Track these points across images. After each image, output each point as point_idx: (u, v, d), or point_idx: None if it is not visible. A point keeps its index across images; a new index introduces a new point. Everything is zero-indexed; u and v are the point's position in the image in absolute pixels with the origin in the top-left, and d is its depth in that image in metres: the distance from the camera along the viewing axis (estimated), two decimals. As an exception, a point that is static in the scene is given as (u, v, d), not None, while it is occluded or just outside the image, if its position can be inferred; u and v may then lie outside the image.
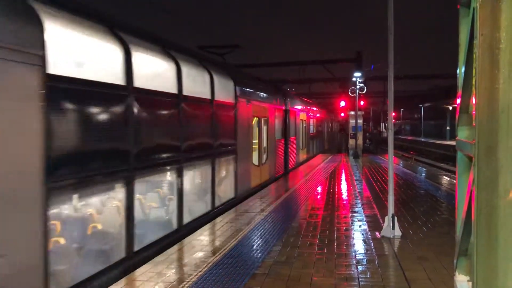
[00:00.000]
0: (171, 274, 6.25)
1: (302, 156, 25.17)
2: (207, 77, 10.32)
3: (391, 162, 8.89)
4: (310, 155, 28.61)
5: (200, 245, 7.75)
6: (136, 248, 6.77)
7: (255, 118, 14.85)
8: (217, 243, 7.88)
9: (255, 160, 14.87)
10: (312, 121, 29.66)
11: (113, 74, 6.41)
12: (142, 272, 6.30)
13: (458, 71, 3.33)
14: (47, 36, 4.93)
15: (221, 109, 11.12)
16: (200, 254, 7.19)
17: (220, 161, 11.15)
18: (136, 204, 7.00)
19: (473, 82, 2.47)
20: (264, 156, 16.24)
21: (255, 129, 15.06)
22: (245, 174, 13.13)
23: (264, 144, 16.29)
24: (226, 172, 11.93)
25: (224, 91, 11.54)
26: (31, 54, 4.71)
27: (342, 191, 14.09)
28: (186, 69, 8.91)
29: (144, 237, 7.25)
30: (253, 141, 14.71)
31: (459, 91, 3.12)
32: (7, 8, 4.58)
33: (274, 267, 6.58)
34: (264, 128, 16.22)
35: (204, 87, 10.14)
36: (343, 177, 18.26)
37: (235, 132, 12.27)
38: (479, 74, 2.27)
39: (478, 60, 2.26)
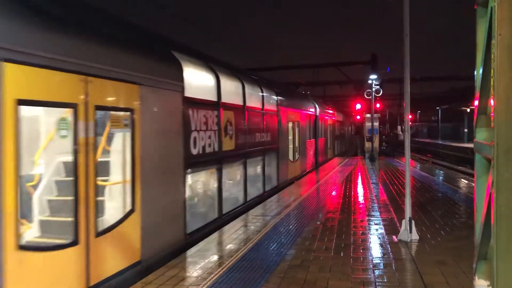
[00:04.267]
0: (187, 277, 6.27)
1: (330, 154, 29.52)
2: (259, 92, 13.86)
3: (408, 165, 8.80)
4: (335, 153, 32.96)
5: (217, 248, 7.76)
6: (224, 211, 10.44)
7: (290, 122, 17.78)
8: (233, 246, 7.88)
9: (290, 156, 17.90)
10: (336, 125, 33.29)
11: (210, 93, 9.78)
12: (157, 277, 6.33)
13: (475, 72, 3.29)
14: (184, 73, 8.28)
15: (269, 115, 14.49)
16: (215, 258, 7.20)
17: (268, 155, 14.43)
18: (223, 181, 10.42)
19: (491, 83, 2.43)
20: (297, 154, 19.22)
21: (290, 131, 17.90)
22: (284, 167, 16.48)
23: (297, 144, 19.19)
24: (271, 164, 15.04)
25: (271, 102, 15.04)
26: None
27: (358, 194, 13.99)
28: (250, 89, 12.79)
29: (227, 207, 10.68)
30: (290, 140, 17.71)
31: (477, 93, 3.08)
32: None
33: (289, 270, 6.55)
34: (297, 130, 19.13)
35: (257, 100, 13.57)
36: (359, 180, 18.13)
37: (278, 133, 15.46)
38: (497, 75, 2.24)
39: (496, 60, 2.23)
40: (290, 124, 17.74)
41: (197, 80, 9.21)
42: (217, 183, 10.09)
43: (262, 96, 13.84)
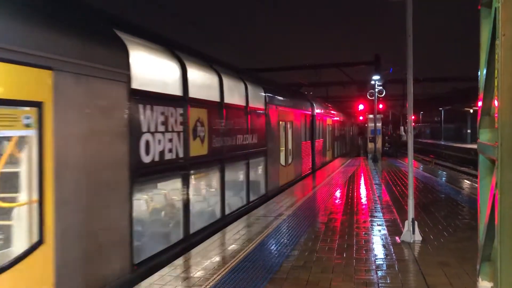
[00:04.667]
0: (190, 278, 6.27)
1: (328, 156, 27.58)
2: (243, 87, 12.04)
3: (411, 166, 8.78)
4: (335, 156, 30.86)
5: (219, 249, 7.75)
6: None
7: (282, 122, 15.96)
8: (236, 247, 7.87)
9: (282, 160, 16.05)
10: (336, 125, 31.31)
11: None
12: (153, 282, 6.33)
13: (479, 73, 3.28)
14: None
15: (254, 114, 12.73)
16: (217, 258, 7.20)
17: (253, 160, 12.70)
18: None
19: (495, 84, 2.43)
20: (290, 157, 17.33)
21: (282, 132, 16.11)
22: (274, 173, 14.73)
23: (290, 146, 17.36)
24: (257, 170, 13.58)
25: (258, 99, 13.27)
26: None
27: (361, 195, 13.97)
28: (230, 83, 11.03)
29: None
30: (281, 142, 16.02)
31: (481, 93, 3.07)
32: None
33: (292, 271, 6.54)
34: (290, 131, 17.27)
35: (240, 96, 11.78)
36: (362, 181, 18.11)
37: (266, 134, 13.74)
38: (501, 75, 2.23)
39: (500, 61, 2.22)
40: (282, 124, 16.02)
41: (153, 69, 7.47)
42: (182, 196, 8.20)
43: (246, 92, 11.98)
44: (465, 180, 18.91)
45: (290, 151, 17.25)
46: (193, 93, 8.42)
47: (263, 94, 13.66)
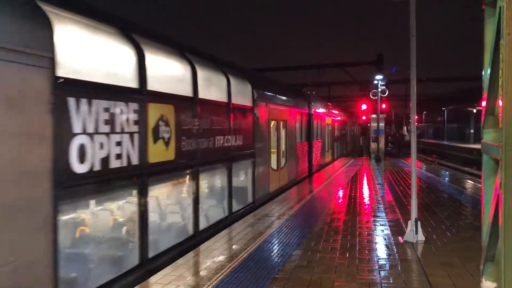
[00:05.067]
0: (191, 277, 6.27)
1: (327, 158, 26.05)
2: (224, 80, 10.29)
3: (414, 166, 8.76)
4: (335, 157, 29.46)
5: (220, 249, 7.75)
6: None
7: (273, 121, 14.42)
8: (237, 246, 7.87)
9: (273, 163, 14.35)
10: (336, 125, 30.11)
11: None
12: (155, 281, 6.34)
13: (483, 72, 3.26)
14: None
15: (239, 112, 11.06)
16: (220, 258, 7.20)
17: (237, 164, 11.12)
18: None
19: (500, 84, 2.42)
20: (283, 160, 15.76)
21: (273, 133, 14.61)
22: (263, 178, 12.99)
23: (284, 148, 15.89)
24: (242, 176, 12.02)
25: (244, 95, 11.61)
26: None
27: (364, 195, 13.95)
28: (207, 75, 9.47)
29: None
30: (272, 144, 14.40)
31: (485, 93, 3.06)
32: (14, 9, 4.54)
33: (295, 271, 6.54)
34: (283, 131, 15.83)
35: (220, 91, 10.03)
36: (364, 181, 18.08)
37: (254, 135, 12.09)
38: (506, 75, 2.22)
39: (505, 60, 2.21)
40: (274, 124, 14.49)
41: (93, 52, 5.90)
42: (138, 212, 6.62)
43: (229, 86, 10.32)
44: (468, 180, 18.86)
45: (284, 153, 15.81)
46: (154, 85, 6.89)
47: (251, 89, 12.01)
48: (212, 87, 9.65)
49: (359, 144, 46.09)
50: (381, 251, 7.58)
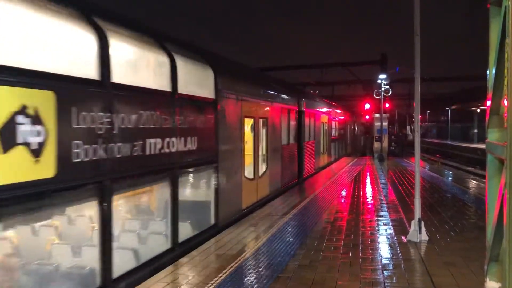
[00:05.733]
0: (196, 276, 6.28)
1: (323, 161, 23.46)
2: (165, 60, 7.39)
3: (418, 165, 8.74)
4: (332, 159, 27.02)
5: (224, 247, 7.75)
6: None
7: (248, 119, 11.58)
8: (240, 245, 7.87)
9: (248, 172, 11.52)
10: (334, 124, 27.86)
11: None
12: (166, 274, 6.34)
13: (488, 72, 3.25)
14: None
15: (192, 106, 8.21)
16: (224, 257, 7.20)
17: (187, 177, 8.64)
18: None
19: (505, 83, 2.41)
20: (263, 167, 12.97)
21: (249, 133, 11.97)
22: (231, 192, 10.16)
23: (264, 151, 13.14)
24: (196, 192, 9.40)
25: (200, 83, 8.92)
26: None
27: (367, 195, 13.93)
28: (129, 51, 6.75)
29: None
30: (246, 147, 11.53)
31: (490, 93, 3.06)
32: None
33: (298, 270, 6.54)
34: (263, 131, 13.02)
35: (157, 75, 7.33)
36: (368, 180, 18.06)
37: (217, 137, 9.29)
38: (511, 74, 2.21)
39: (510, 59, 2.20)
40: (249, 122, 11.83)
41: None
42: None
43: (174, 70, 7.48)
44: (472, 180, 18.82)
45: (264, 158, 13.07)
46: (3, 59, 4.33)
47: (213, 77, 9.16)
48: (143, 69, 7.05)
49: (362, 143, 45.71)
50: (384, 251, 7.57)
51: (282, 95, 15.56)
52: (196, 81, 8.77)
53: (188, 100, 8.00)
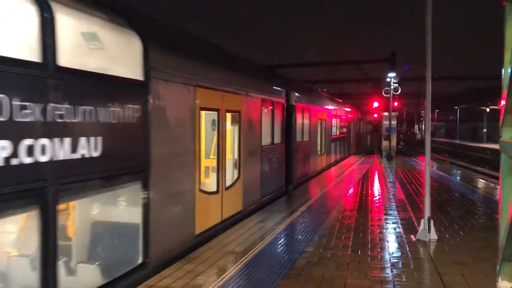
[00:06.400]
0: (206, 273, 6.31)
1: (321, 163, 20.44)
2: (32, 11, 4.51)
3: (428, 164, 8.70)
4: (332, 161, 23.94)
5: (233, 244, 7.78)
6: None
7: (205, 112, 8.55)
8: (249, 242, 7.89)
9: (209, 184, 9.15)
10: (335, 122, 24.88)
11: None
12: (171, 272, 6.37)
13: (503, 71, 3.23)
14: None
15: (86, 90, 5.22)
16: (232, 254, 7.22)
17: (83, 200, 6.04)
18: None
19: (522, 82, 2.39)
20: (235, 174, 10.00)
21: (207, 132, 9.04)
22: (172, 216, 7.17)
23: (236, 155, 10.11)
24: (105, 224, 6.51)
25: (113, 57, 6.21)
26: None
27: (375, 193, 13.90)
28: None
29: None
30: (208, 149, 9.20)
31: (504, 91, 3.04)
32: None
33: (307, 268, 6.55)
34: (235, 129, 10.12)
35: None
36: (376, 179, 18.01)
37: (145, 137, 6.36)
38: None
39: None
40: (208, 117, 9.00)
41: None
42: None
43: (46, 24, 4.53)
44: (481, 180, 18.71)
45: (236, 163, 10.04)
46: None
47: (140, 48, 6.28)
48: None
49: (368, 143, 44.97)
50: (393, 249, 7.56)
51: (264, 84, 12.59)
52: (102, 51, 5.97)
53: (80, 78, 5.03)
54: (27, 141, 4.22)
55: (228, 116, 9.59)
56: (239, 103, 10.15)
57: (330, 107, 23.16)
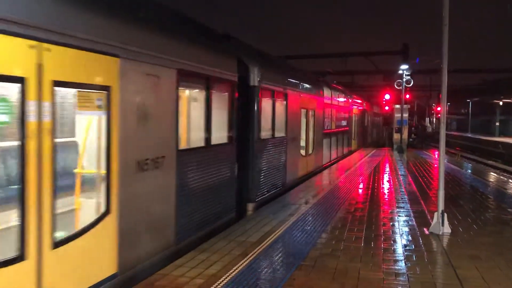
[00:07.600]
0: (219, 262, 6.33)
1: (307, 166, 15.71)
2: None
3: (442, 157, 8.63)
4: (326, 161, 19.45)
5: (245, 235, 7.79)
6: None
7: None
8: (262, 233, 7.90)
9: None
10: (330, 112, 20.09)
11: None
12: (182, 264, 6.41)
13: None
14: None
15: None
16: (244, 244, 7.24)
17: None
18: None
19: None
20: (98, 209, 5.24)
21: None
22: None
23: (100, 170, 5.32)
24: None
25: None
26: None
27: (386, 186, 13.85)
28: None
29: None
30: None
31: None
32: None
33: (320, 259, 6.55)
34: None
35: None
36: (387, 171, 17.93)
37: None
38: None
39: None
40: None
41: None
42: None
43: None
44: (493, 173, 18.56)
45: (107, 185, 5.21)
46: None
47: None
48: None
49: (376, 137, 43.99)
50: (406, 242, 7.53)
51: (192, 48, 7.54)
52: None
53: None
54: None
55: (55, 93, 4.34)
56: (107, 73, 5.09)
57: (321, 94, 18.12)
